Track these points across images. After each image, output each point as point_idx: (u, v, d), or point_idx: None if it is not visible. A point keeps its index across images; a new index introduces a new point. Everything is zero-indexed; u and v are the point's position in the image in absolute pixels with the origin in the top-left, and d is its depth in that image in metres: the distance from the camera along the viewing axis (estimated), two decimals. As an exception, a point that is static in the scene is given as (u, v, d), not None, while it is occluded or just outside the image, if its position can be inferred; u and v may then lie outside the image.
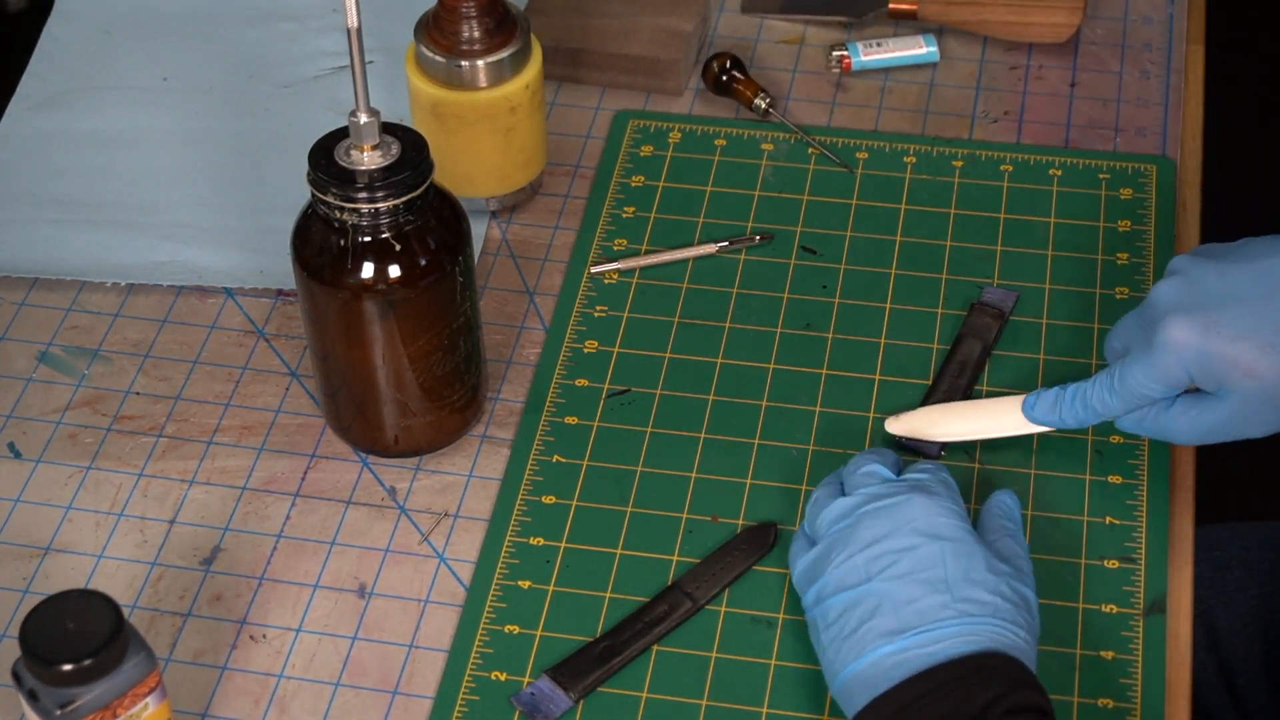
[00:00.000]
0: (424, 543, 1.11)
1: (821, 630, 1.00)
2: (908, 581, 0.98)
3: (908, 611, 0.97)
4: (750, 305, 1.22)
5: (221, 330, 1.22)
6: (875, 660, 0.97)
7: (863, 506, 1.02)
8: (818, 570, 1.02)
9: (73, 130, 1.34)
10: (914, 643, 0.97)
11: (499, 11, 1.21)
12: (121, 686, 0.93)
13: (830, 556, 1.01)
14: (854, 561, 1.00)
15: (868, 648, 0.97)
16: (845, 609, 0.99)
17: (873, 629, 0.98)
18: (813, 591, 1.01)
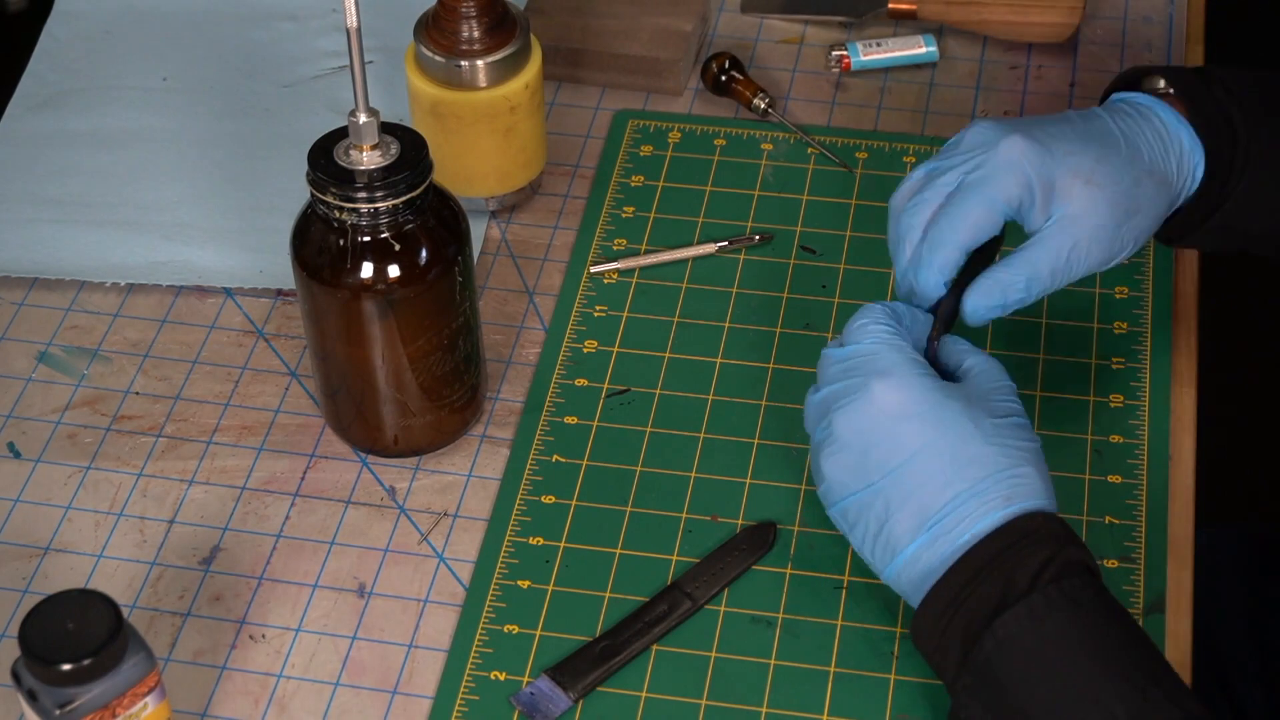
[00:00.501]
0: (423, 542, 1.11)
1: (847, 534, 1.02)
2: (905, 474, 0.99)
3: (917, 504, 0.98)
4: (750, 305, 1.22)
5: (221, 330, 1.22)
6: (910, 558, 0.99)
7: (832, 402, 1.02)
8: (818, 474, 1.03)
9: (73, 130, 1.34)
10: (939, 531, 0.98)
11: (498, 11, 1.21)
12: (121, 686, 0.93)
13: (821, 450, 1.02)
14: (845, 463, 1.01)
15: (898, 548, 0.99)
16: (859, 513, 1.01)
17: (894, 529, 0.99)
18: (820, 491, 1.03)
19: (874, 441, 1.00)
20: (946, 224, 1.06)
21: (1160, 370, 1.17)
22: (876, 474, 1.00)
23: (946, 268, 1.06)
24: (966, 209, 1.05)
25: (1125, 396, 1.16)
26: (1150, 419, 1.15)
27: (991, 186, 1.05)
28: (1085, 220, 1.06)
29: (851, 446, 1.00)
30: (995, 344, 1.18)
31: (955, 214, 1.06)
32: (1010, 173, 1.05)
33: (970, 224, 1.05)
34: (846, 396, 1.01)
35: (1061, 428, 1.14)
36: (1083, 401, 1.16)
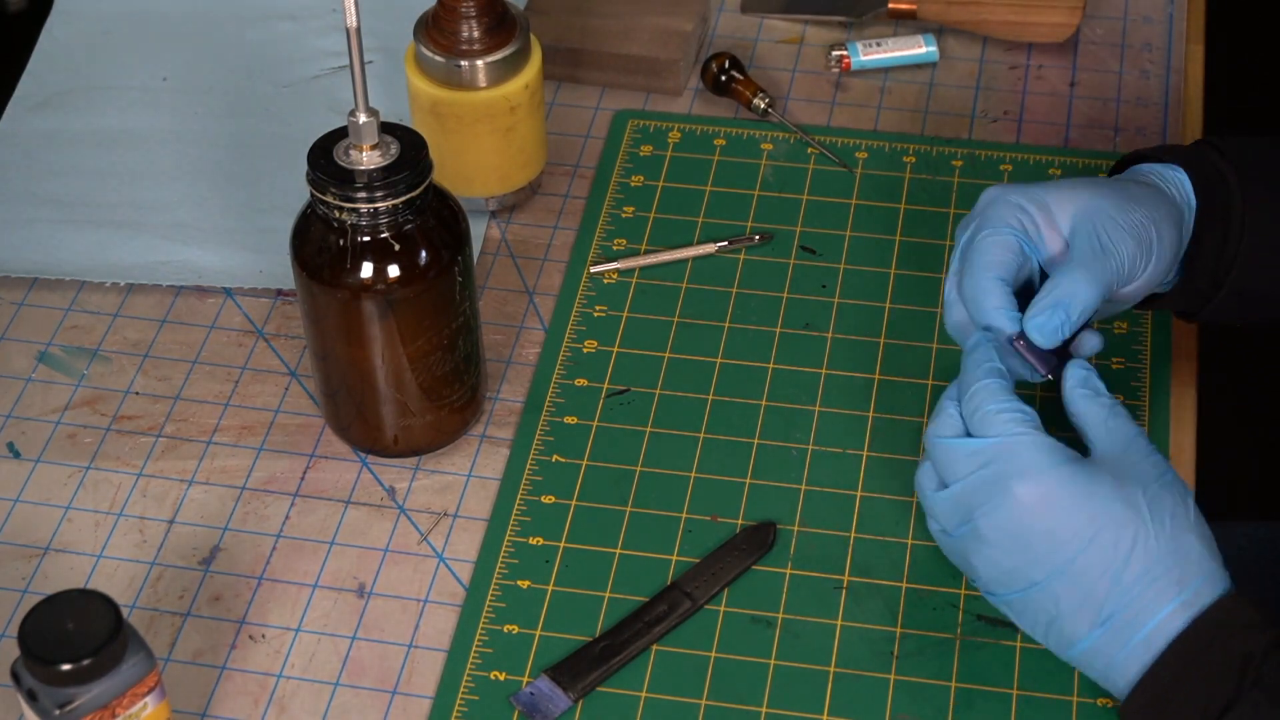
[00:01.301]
0: (423, 542, 1.11)
1: (1014, 620, 1.01)
2: (1067, 571, 0.97)
3: (1086, 598, 0.97)
4: (750, 305, 1.22)
5: (221, 330, 1.22)
6: (1090, 650, 0.98)
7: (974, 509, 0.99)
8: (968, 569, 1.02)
9: (73, 130, 1.34)
10: (1117, 624, 0.96)
11: (498, 11, 1.21)
12: (120, 686, 0.93)
13: (969, 559, 1.00)
14: (1000, 563, 0.99)
15: (1074, 639, 0.98)
16: (1023, 608, 0.99)
17: (1065, 623, 0.98)
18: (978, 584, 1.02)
19: (1027, 543, 0.98)
20: (971, 266, 1.06)
21: (1160, 370, 1.17)
22: (1037, 573, 0.98)
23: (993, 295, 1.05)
24: (981, 246, 1.06)
25: (1125, 396, 1.16)
26: (1150, 419, 1.15)
27: (990, 219, 1.06)
28: (1095, 208, 1.05)
29: (1003, 547, 0.98)
30: (995, 344, 1.18)
31: (974, 255, 1.06)
32: (998, 204, 1.06)
33: (990, 257, 1.05)
34: (988, 498, 0.99)
35: (1062, 428, 1.13)
36: (1083, 401, 1.15)
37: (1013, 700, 1.02)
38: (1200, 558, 0.97)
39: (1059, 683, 1.03)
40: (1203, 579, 0.96)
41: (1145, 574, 0.96)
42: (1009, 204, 1.06)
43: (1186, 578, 0.96)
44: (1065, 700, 1.02)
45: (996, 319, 1.04)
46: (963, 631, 1.05)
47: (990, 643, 1.05)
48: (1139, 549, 0.96)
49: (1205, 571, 0.97)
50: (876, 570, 1.08)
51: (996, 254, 1.05)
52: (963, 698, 1.03)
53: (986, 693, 1.02)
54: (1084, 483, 0.97)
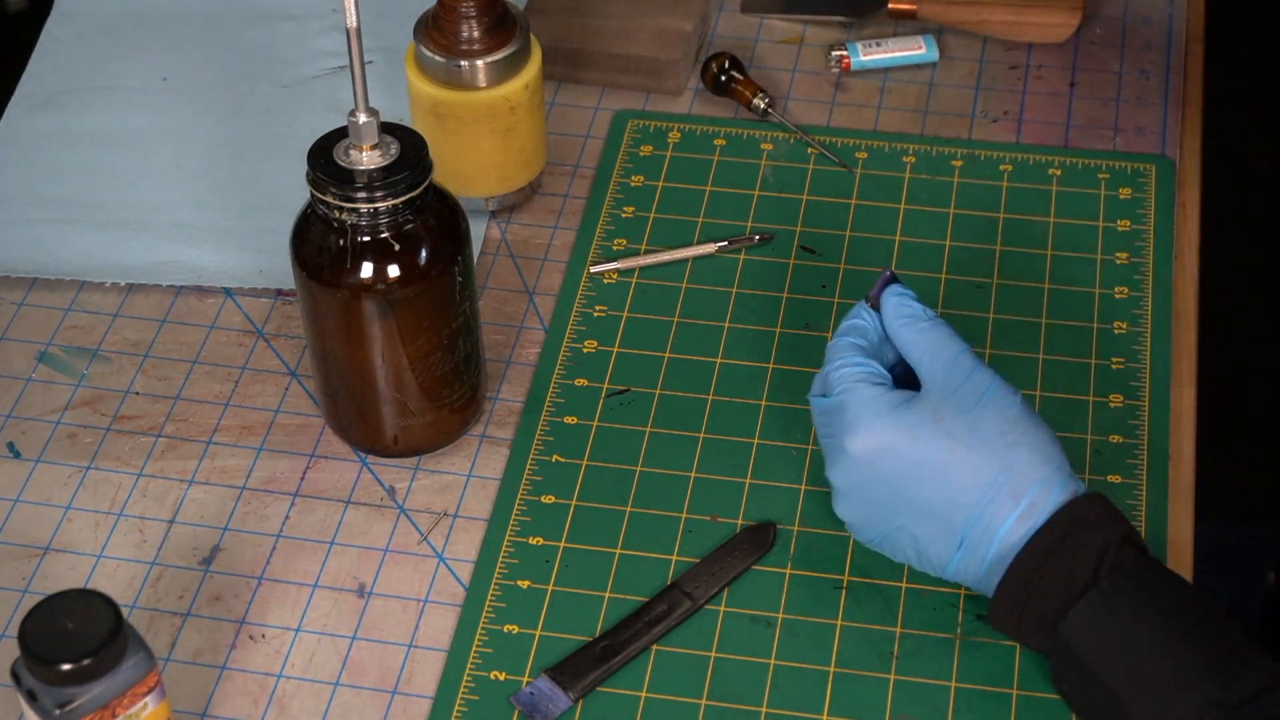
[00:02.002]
0: (423, 542, 1.11)
1: (890, 556, 1.06)
2: (915, 507, 1.02)
3: (939, 528, 1.02)
4: (750, 305, 1.22)
5: (221, 330, 1.22)
6: (956, 570, 1.02)
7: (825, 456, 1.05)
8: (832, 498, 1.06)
9: (73, 130, 1.34)
10: (970, 545, 1.01)
11: (498, 11, 1.21)
12: (120, 686, 0.93)
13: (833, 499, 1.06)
14: (857, 510, 1.04)
15: (942, 565, 1.03)
16: (892, 547, 1.05)
17: (930, 553, 1.03)
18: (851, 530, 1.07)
19: (870, 490, 1.03)
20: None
21: (1160, 370, 1.17)
22: (890, 515, 1.03)
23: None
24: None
25: (1125, 396, 1.16)
26: (1150, 419, 1.15)
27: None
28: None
29: (853, 498, 1.04)
30: (995, 344, 1.18)
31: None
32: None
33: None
34: (831, 453, 1.05)
35: (1061, 428, 1.13)
36: (1082, 401, 1.15)
37: (1013, 700, 1.02)
38: (1029, 467, 1.00)
39: (1059, 683, 1.03)
40: (1038, 488, 1.00)
41: (981, 496, 1.00)
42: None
43: (1020, 490, 1.00)
44: (1065, 700, 1.02)
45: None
46: (963, 631, 1.05)
47: (990, 643, 1.05)
48: (967, 475, 1.00)
49: (1039, 480, 1.00)
50: (876, 570, 1.08)
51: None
52: (963, 698, 1.03)
53: (986, 693, 1.02)
54: (906, 426, 1.01)
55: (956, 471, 1.01)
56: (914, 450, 1.01)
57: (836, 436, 1.04)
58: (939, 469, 1.01)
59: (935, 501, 1.01)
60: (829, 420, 1.05)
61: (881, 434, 1.02)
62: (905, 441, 1.01)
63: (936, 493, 1.01)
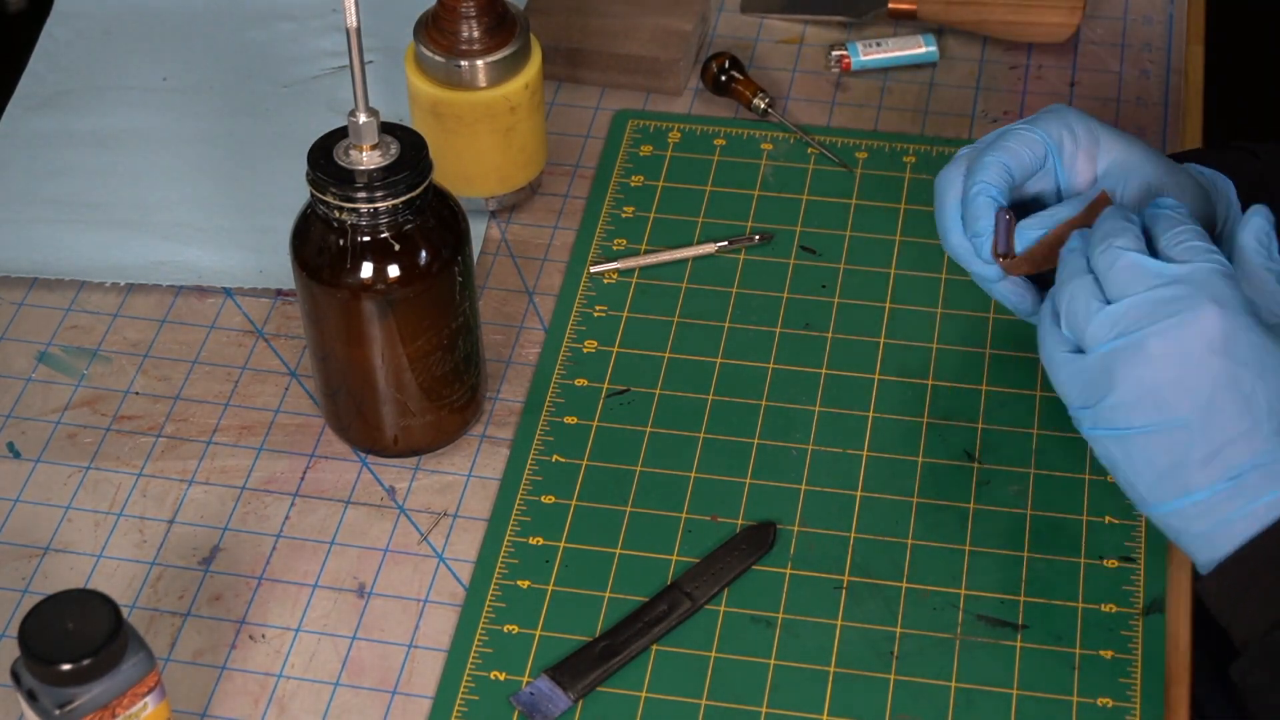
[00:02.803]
0: (423, 542, 1.11)
1: (1121, 462, 0.96)
2: (1219, 414, 0.92)
3: (1223, 448, 0.93)
4: (750, 305, 1.22)
5: (221, 330, 1.22)
6: (1203, 504, 0.94)
7: (1144, 324, 0.94)
8: (1098, 389, 0.96)
9: (73, 130, 1.34)
10: (1243, 484, 0.93)
11: (498, 11, 1.21)
12: (120, 686, 0.93)
13: (1115, 375, 0.95)
14: (1150, 384, 0.94)
15: (1190, 489, 0.94)
16: (1147, 441, 0.95)
17: (1190, 468, 0.94)
18: (1094, 413, 0.96)
19: (1192, 370, 0.93)
20: (990, 147, 1.05)
21: (1160, 370, 1.17)
22: (1187, 405, 0.93)
23: (992, 178, 1.03)
24: (1010, 136, 1.04)
25: (1125, 396, 1.16)
26: (1150, 419, 1.15)
27: (1036, 124, 1.05)
28: (1138, 165, 1.04)
29: (1165, 366, 0.93)
30: (995, 344, 1.18)
31: (999, 140, 1.05)
32: (1051, 115, 1.05)
33: (1014, 150, 1.04)
34: (1172, 314, 0.93)
35: (1061, 428, 1.13)
36: (1083, 401, 1.15)
37: (1013, 700, 1.02)
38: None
39: (1059, 683, 1.03)
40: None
41: (1273, 434, 0.92)
42: (1062, 119, 1.05)
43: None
44: (1065, 700, 1.02)
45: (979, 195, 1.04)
46: (963, 631, 1.05)
47: (990, 643, 1.05)
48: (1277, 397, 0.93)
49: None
50: (876, 570, 1.08)
51: (1021, 142, 1.03)
52: (963, 698, 1.03)
53: (986, 693, 1.03)
54: (1265, 337, 0.93)
55: (1274, 396, 0.92)
56: (1266, 360, 0.92)
57: (1192, 299, 0.92)
58: (1269, 402, 0.92)
59: (1248, 418, 0.92)
60: (1178, 285, 0.93)
61: (1246, 327, 0.92)
62: (1260, 350, 0.92)
63: (1252, 420, 0.92)
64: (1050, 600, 1.06)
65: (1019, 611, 1.06)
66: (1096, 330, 0.96)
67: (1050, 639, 1.05)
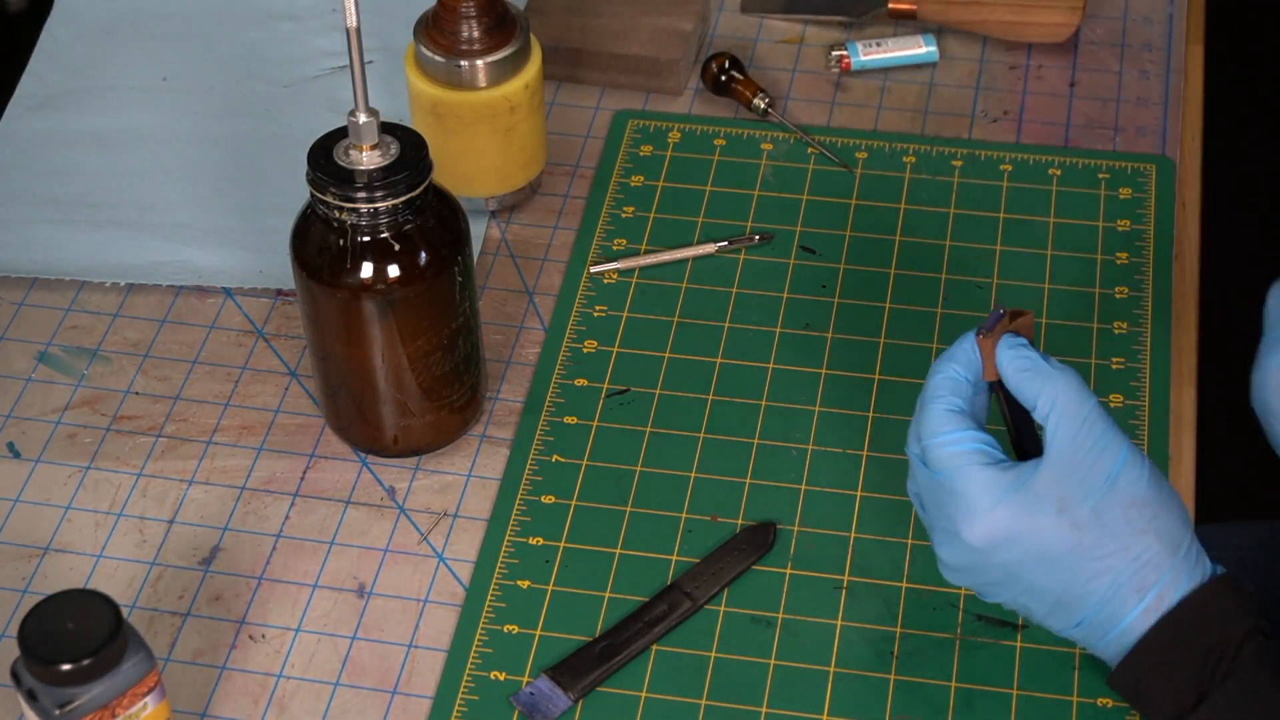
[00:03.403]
0: (423, 542, 1.11)
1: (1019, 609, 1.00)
2: (1033, 592, 0.97)
3: (1057, 608, 0.97)
4: (750, 305, 1.22)
5: (221, 330, 1.22)
6: (1076, 639, 0.98)
7: (933, 526, 0.99)
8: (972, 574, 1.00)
9: (73, 130, 1.34)
10: (1089, 628, 0.97)
11: (498, 11, 1.21)
12: (120, 686, 0.93)
13: (942, 569, 1.00)
14: (970, 582, 0.99)
15: (1060, 630, 0.98)
16: (1009, 605, 0.99)
17: (1048, 622, 0.99)
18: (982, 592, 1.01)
19: (985, 571, 0.98)
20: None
21: (1160, 370, 1.17)
22: (1005, 590, 0.98)
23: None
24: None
25: (1125, 396, 1.16)
26: (1150, 419, 1.15)
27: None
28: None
29: (966, 574, 0.99)
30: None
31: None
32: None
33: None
34: (940, 532, 0.99)
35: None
36: (1083, 401, 1.15)
37: (1013, 700, 1.02)
38: (1159, 559, 0.96)
39: (1059, 683, 1.03)
40: (1164, 581, 0.96)
41: (1107, 588, 0.96)
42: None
43: (1146, 584, 0.96)
44: (1065, 700, 1.02)
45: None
46: (963, 631, 1.05)
47: (990, 643, 1.05)
48: (1091, 569, 0.96)
49: (1168, 570, 0.96)
50: (876, 570, 1.08)
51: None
52: (963, 698, 1.03)
53: (986, 693, 1.02)
54: (1028, 515, 0.96)
55: (1080, 565, 0.96)
56: (1036, 542, 0.95)
57: (948, 519, 0.97)
58: (1061, 561, 0.96)
59: (1055, 589, 0.96)
60: (936, 497, 0.98)
61: (1000, 523, 0.96)
62: (1027, 533, 0.95)
63: (1058, 582, 0.96)
64: (1050, 600, 1.06)
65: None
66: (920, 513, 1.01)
67: (1050, 639, 1.04)
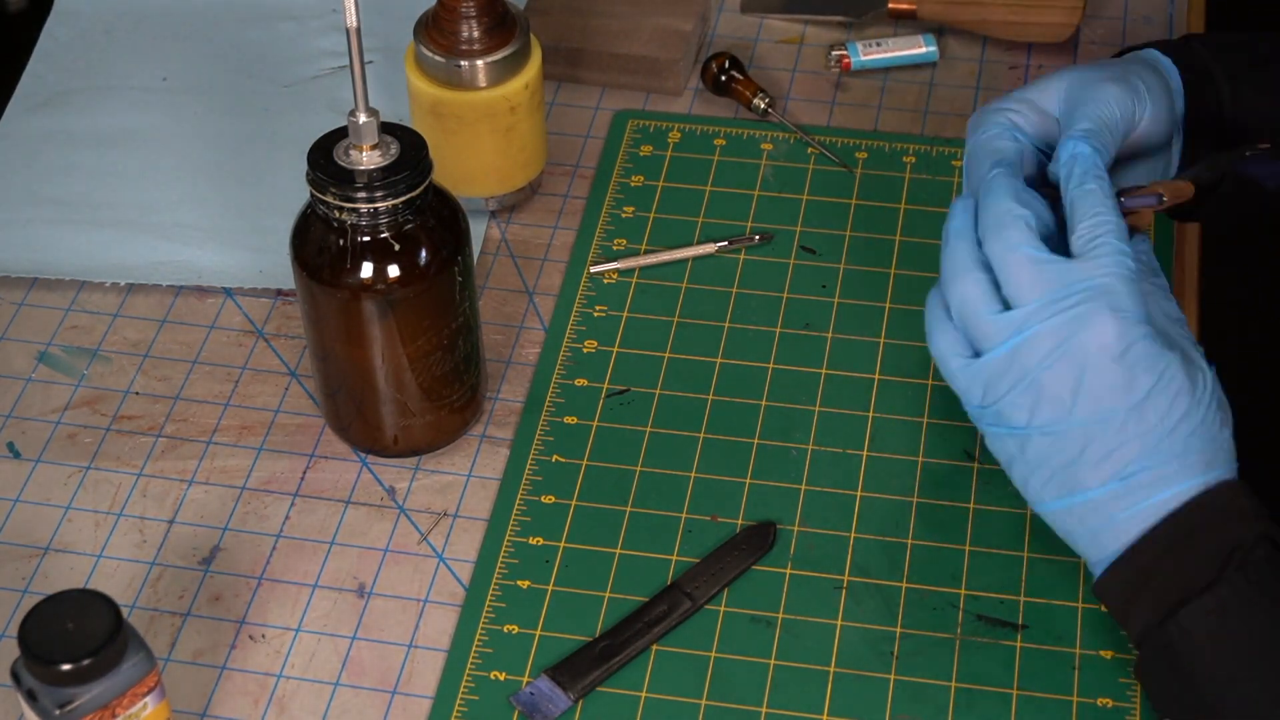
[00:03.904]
0: (423, 542, 1.11)
1: (1016, 457, 0.98)
2: (1113, 417, 0.95)
3: (1115, 449, 0.95)
4: (750, 305, 1.22)
5: (221, 330, 1.22)
6: (1093, 503, 0.96)
7: (1044, 331, 0.95)
8: (996, 389, 0.97)
9: (73, 130, 1.34)
10: (1134, 484, 0.95)
11: (498, 11, 1.21)
12: (120, 686, 0.93)
13: (1012, 376, 0.96)
14: (1046, 390, 0.96)
15: (1080, 487, 0.96)
16: (1044, 441, 0.97)
17: (1082, 468, 0.96)
18: (993, 411, 0.98)
19: (1089, 376, 0.95)
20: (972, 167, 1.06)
21: (1160, 370, 1.17)
22: (1083, 409, 0.95)
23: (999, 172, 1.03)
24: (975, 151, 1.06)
25: (1125, 396, 1.16)
26: (1150, 419, 1.15)
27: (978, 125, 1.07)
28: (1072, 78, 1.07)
29: (1062, 371, 0.95)
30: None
31: (971, 159, 1.06)
32: (982, 117, 1.07)
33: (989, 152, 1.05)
34: (1072, 321, 0.95)
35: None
36: (1083, 401, 1.15)
37: (1013, 700, 1.02)
38: (1227, 446, 0.97)
39: (1059, 683, 1.03)
40: (1224, 467, 0.96)
41: (1184, 446, 0.95)
42: (991, 112, 1.07)
43: (1214, 463, 0.96)
44: (1065, 700, 1.02)
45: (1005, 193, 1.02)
46: (963, 631, 1.05)
47: (990, 643, 1.05)
48: (1185, 421, 0.95)
49: (1227, 459, 0.96)
50: (876, 570, 1.08)
51: (993, 147, 1.04)
52: (963, 698, 1.03)
53: (986, 693, 1.03)
54: (1158, 345, 0.95)
55: (1180, 411, 0.94)
56: (1158, 366, 0.94)
57: (1090, 305, 0.94)
58: (1165, 397, 0.94)
59: (1140, 423, 0.94)
60: (1079, 289, 0.94)
61: (1141, 336, 0.95)
62: (1154, 356, 0.94)
63: (1149, 416, 0.94)
64: (1050, 600, 1.06)
65: (1019, 611, 1.06)
66: (994, 333, 0.98)
67: (1050, 639, 1.05)
